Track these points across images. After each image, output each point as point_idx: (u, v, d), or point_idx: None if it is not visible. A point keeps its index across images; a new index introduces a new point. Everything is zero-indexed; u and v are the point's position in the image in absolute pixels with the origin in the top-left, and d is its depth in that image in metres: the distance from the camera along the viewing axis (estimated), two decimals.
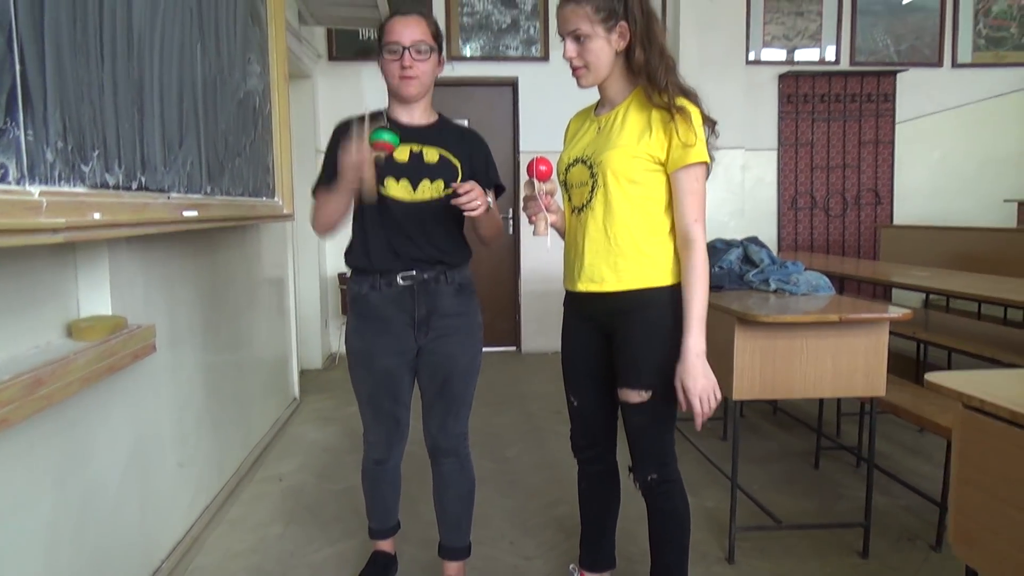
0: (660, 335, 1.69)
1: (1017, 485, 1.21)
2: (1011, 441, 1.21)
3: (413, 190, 1.89)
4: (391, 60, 1.85)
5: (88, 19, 1.63)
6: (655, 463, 1.78)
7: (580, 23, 1.63)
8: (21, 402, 1.38)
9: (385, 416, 2.03)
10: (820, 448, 3.22)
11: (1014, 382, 1.41)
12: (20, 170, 1.34)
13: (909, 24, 5.70)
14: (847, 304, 2.43)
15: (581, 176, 1.74)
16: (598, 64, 1.66)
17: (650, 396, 1.71)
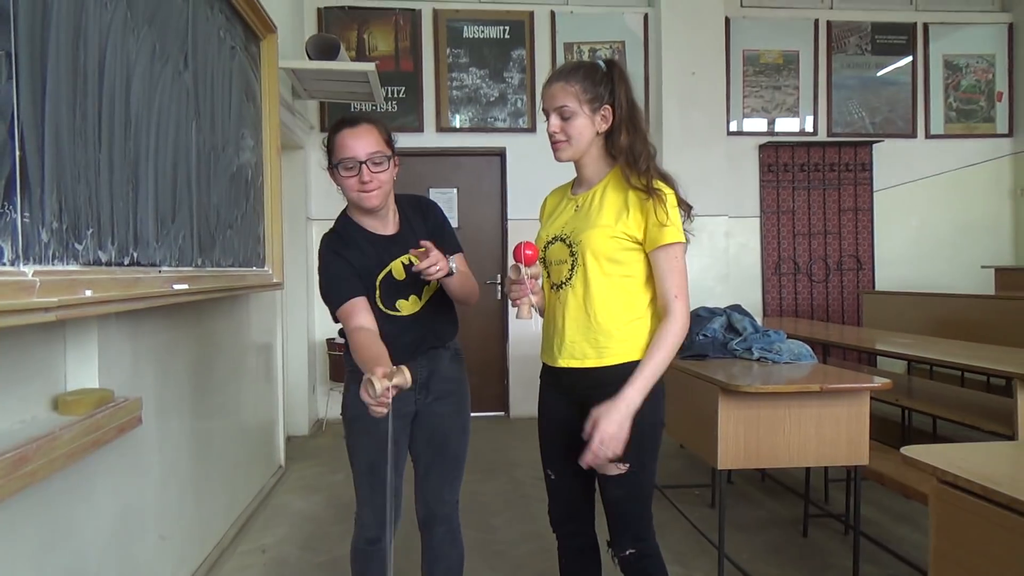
0: (639, 419, 1.66)
1: (991, 560, 1.23)
2: (984, 516, 1.24)
3: (420, 301, 1.95)
4: (348, 176, 1.85)
5: (88, 104, 1.69)
6: (633, 537, 1.77)
7: (567, 100, 1.70)
8: (4, 480, 1.39)
9: (384, 488, 1.89)
10: (808, 516, 3.21)
11: (990, 456, 1.44)
12: (15, 251, 1.39)
13: (883, 97, 5.91)
14: (829, 373, 2.48)
15: (560, 254, 1.77)
16: (579, 140, 1.72)
17: (628, 469, 1.71)
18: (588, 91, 1.69)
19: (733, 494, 3.72)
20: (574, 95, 1.69)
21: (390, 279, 1.90)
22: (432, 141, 5.55)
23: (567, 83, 1.70)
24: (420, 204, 2.09)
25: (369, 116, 1.95)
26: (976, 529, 1.26)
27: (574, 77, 1.69)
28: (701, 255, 5.58)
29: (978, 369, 2.72)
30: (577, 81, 1.69)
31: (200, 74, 2.55)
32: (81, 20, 1.67)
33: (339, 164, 1.84)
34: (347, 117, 1.93)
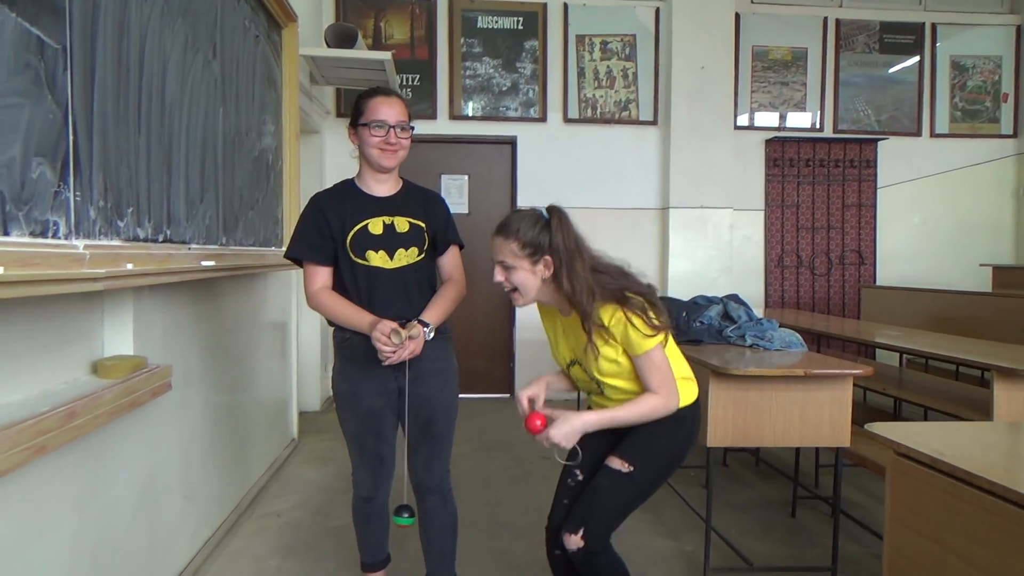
0: (670, 438, 1.90)
1: (939, 524, 1.37)
2: (934, 485, 1.38)
3: (390, 259, 2.09)
4: (376, 135, 2.05)
5: (130, 93, 1.84)
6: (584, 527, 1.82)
7: (506, 256, 1.83)
8: (57, 432, 1.55)
9: (371, 455, 2.18)
10: (797, 497, 3.35)
11: (946, 433, 1.58)
12: (68, 226, 1.54)
13: (889, 95, 6.00)
14: (815, 360, 2.61)
15: (583, 375, 1.93)
16: (525, 289, 1.85)
17: (630, 471, 1.86)
18: (526, 246, 1.81)
19: (728, 476, 3.88)
20: (511, 251, 1.82)
21: (364, 233, 2.07)
22: (445, 128, 5.68)
23: (505, 239, 1.82)
24: (428, 193, 2.26)
25: (398, 92, 2.16)
26: (926, 496, 1.40)
27: (511, 233, 1.81)
28: (706, 247, 5.71)
29: (958, 360, 2.84)
30: (514, 237, 1.81)
31: (227, 63, 2.70)
32: (124, 15, 1.82)
33: (371, 123, 2.04)
34: (381, 87, 2.14)
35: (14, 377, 1.63)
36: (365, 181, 2.16)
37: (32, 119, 1.40)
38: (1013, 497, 1.18)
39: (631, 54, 5.78)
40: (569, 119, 5.67)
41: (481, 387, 5.89)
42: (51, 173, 1.47)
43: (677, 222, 5.67)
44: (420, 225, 2.14)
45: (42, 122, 1.43)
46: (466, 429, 4.86)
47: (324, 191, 2.19)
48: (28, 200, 1.38)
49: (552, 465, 3.97)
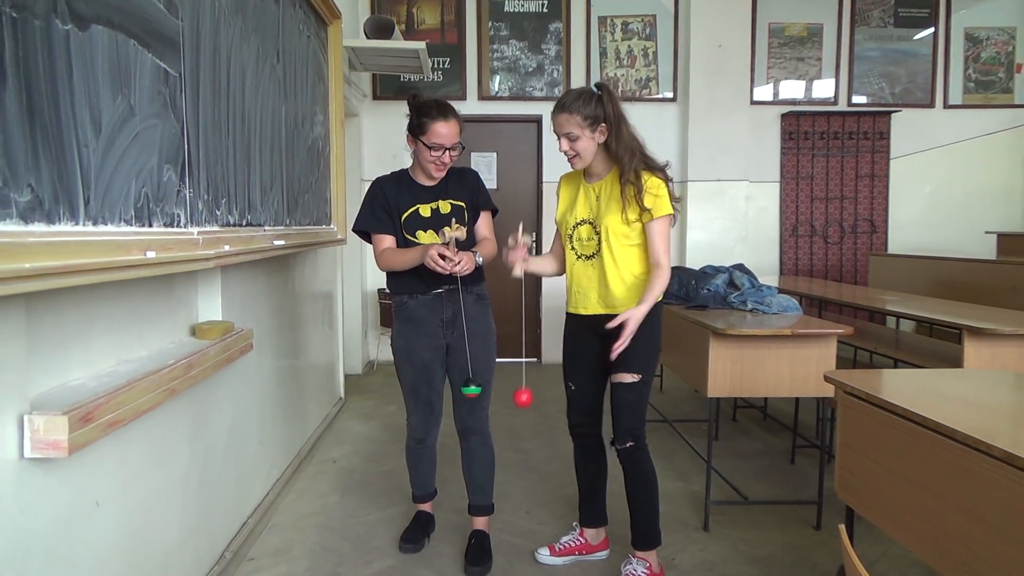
0: (651, 336, 2.34)
1: (875, 446, 1.74)
2: (868, 415, 1.74)
3: (437, 236, 2.45)
4: (432, 153, 2.40)
5: (221, 103, 2.24)
6: (632, 434, 2.37)
7: (572, 128, 2.27)
8: (182, 379, 1.97)
9: (423, 402, 2.61)
10: (796, 446, 3.72)
11: (883, 378, 1.93)
12: (186, 217, 1.95)
13: (903, 68, 6.20)
14: (805, 322, 2.96)
15: (588, 233, 2.37)
16: (586, 154, 2.31)
17: (639, 378, 2.33)
18: (587, 118, 2.25)
19: (737, 430, 4.26)
20: (576, 123, 2.26)
21: (416, 215, 2.48)
22: (474, 108, 6.02)
23: (569, 113, 2.26)
24: (462, 171, 2.64)
25: (452, 106, 2.46)
26: (865, 425, 1.77)
27: (574, 108, 2.25)
28: (723, 217, 6.02)
29: (930, 320, 3.17)
30: (576, 111, 2.24)
31: (287, 65, 3.08)
32: (217, 40, 2.20)
33: (431, 145, 2.39)
34: (442, 105, 2.45)
35: (141, 337, 2.05)
36: (417, 175, 2.55)
37: (163, 135, 1.79)
38: (930, 424, 1.54)
39: (651, 34, 6.05)
40: None
41: (510, 351, 6.30)
42: (175, 176, 1.87)
43: (695, 194, 5.98)
44: (460, 205, 2.53)
45: (169, 136, 1.83)
46: (497, 389, 5.24)
47: (384, 177, 2.60)
48: (162, 198, 1.78)
49: None
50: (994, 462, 1.29)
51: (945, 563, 1.44)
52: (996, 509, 1.31)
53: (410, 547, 2.70)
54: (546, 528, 2.89)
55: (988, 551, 1.32)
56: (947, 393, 1.73)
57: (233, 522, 2.68)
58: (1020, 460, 1.22)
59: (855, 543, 2.66)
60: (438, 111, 2.41)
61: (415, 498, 2.82)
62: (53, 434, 1.38)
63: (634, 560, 2.44)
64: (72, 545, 1.59)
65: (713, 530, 2.87)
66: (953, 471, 1.42)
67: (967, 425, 1.40)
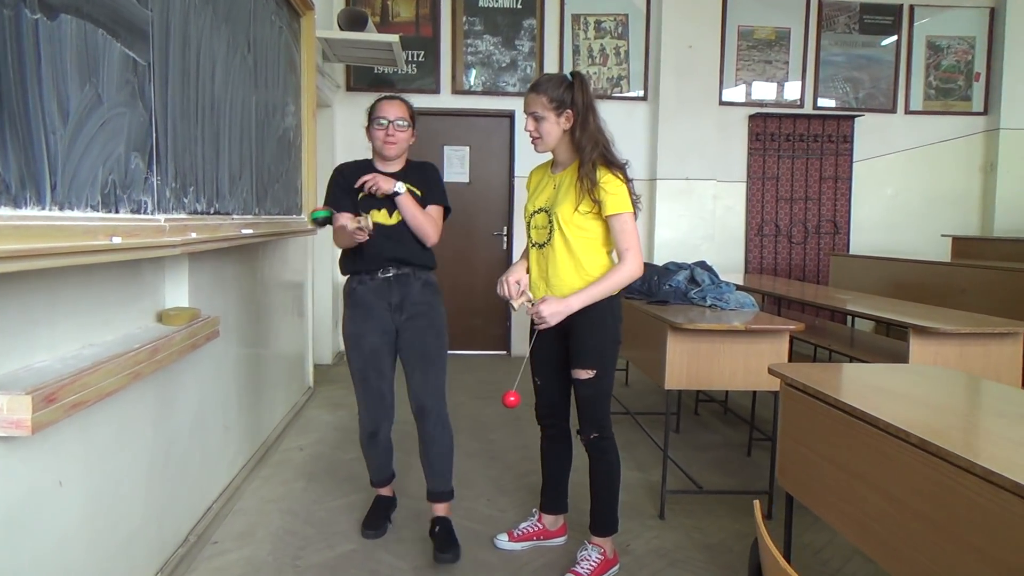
0: (602, 329, 2.38)
1: (811, 435, 1.84)
2: (806, 405, 1.84)
3: (390, 216, 2.59)
4: (379, 129, 2.57)
5: (190, 92, 2.27)
6: (596, 425, 2.44)
7: (537, 107, 2.33)
8: (146, 363, 2.01)
9: (373, 391, 2.64)
10: (752, 439, 3.84)
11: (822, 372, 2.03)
12: (153, 204, 1.98)
13: (867, 74, 6.37)
14: (759, 318, 3.06)
15: (543, 221, 2.41)
16: (548, 137, 2.35)
17: (594, 374, 2.37)
18: (553, 100, 2.30)
19: (697, 423, 4.37)
20: (542, 103, 2.31)
21: (370, 195, 2.55)
22: (447, 102, 6.08)
23: (537, 94, 2.32)
24: (424, 164, 2.78)
25: (404, 95, 2.70)
26: (802, 415, 1.86)
27: (542, 88, 2.31)
28: (690, 215, 6.14)
29: (878, 318, 3.30)
30: (544, 92, 2.30)
31: (258, 55, 3.10)
32: (187, 29, 2.24)
33: (374, 121, 2.58)
34: (389, 94, 2.69)
35: (108, 322, 2.08)
36: (377, 161, 2.69)
37: (131, 123, 1.83)
38: (856, 413, 1.63)
39: (623, 32, 6.14)
40: None
41: (479, 344, 6.37)
42: (142, 164, 1.90)
43: (664, 192, 6.09)
44: (416, 192, 2.63)
45: (137, 124, 1.86)
46: (465, 381, 5.35)
47: (346, 163, 2.75)
48: (129, 185, 1.82)
49: None
50: (911, 448, 1.39)
51: (868, 543, 1.54)
52: (912, 492, 1.40)
53: (371, 533, 2.76)
54: (507, 515, 2.97)
55: (904, 531, 1.42)
56: (880, 386, 1.83)
57: (198, 506, 2.72)
58: (933, 446, 1.32)
59: (803, 531, 2.78)
60: (384, 97, 2.66)
61: (373, 483, 2.89)
62: (16, 413, 1.41)
63: (589, 546, 2.52)
64: (34, 523, 1.63)
65: (668, 518, 2.97)
66: (876, 457, 1.51)
67: (889, 414, 1.50)
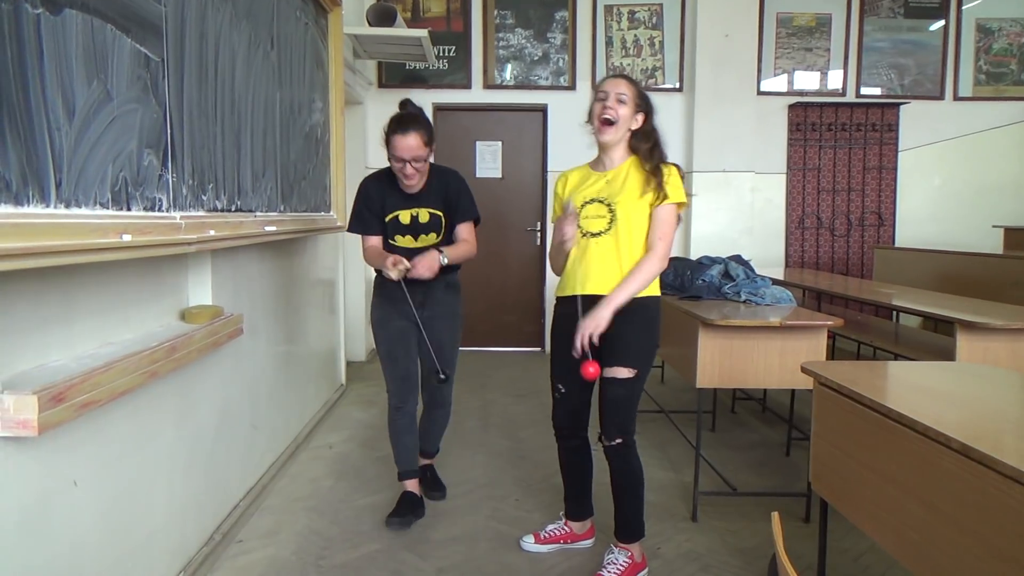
0: (650, 331, 2.35)
1: (845, 437, 1.74)
2: (841, 406, 1.74)
3: (415, 241, 2.75)
4: (397, 166, 2.60)
5: (208, 89, 2.25)
6: (622, 430, 2.35)
7: (628, 91, 2.31)
8: (163, 361, 1.99)
9: (401, 368, 2.80)
10: (791, 439, 3.71)
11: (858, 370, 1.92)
12: (168, 201, 1.97)
13: (912, 60, 6.13)
14: (796, 313, 2.94)
15: (598, 211, 2.35)
16: (622, 123, 2.32)
17: (634, 374, 2.31)
18: (641, 97, 2.34)
19: (734, 422, 4.25)
20: (632, 93, 2.32)
21: (396, 221, 2.73)
22: (479, 97, 6.02)
23: (630, 83, 2.33)
24: (446, 175, 2.79)
25: (416, 120, 2.60)
26: (838, 417, 1.76)
27: (636, 85, 2.34)
28: (728, 208, 5.99)
29: (927, 314, 3.15)
30: (636, 88, 2.33)
31: (282, 52, 3.09)
32: (204, 25, 2.22)
33: (391, 156, 2.60)
34: (404, 120, 2.60)
35: (127, 320, 2.07)
36: (400, 180, 2.69)
37: (143, 119, 1.81)
38: (893, 415, 1.53)
39: (657, 23, 6.01)
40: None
41: (512, 341, 6.32)
42: (156, 160, 1.88)
43: (700, 185, 5.95)
44: (439, 214, 2.74)
45: (149, 121, 1.84)
46: (498, 379, 5.30)
47: (370, 178, 2.81)
48: (142, 183, 1.80)
49: None
50: (952, 454, 1.29)
51: (905, 554, 1.44)
52: (953, 501, 1.30)
53: (396, 521, 2.76)
54: (533, 516, 2.91)
55: (945, 543, 1.32)
56: (921, 386, 1.72)
57: (225, 504, 2.72)
58: (976, 452, 1.22)
59: (842, 536, 2.66)
60: (397, 125, 2.57)
61: (401, 475, 2.90)
62: (22, 413, 1.40)
63: (616, 549, 2.44)
64: (48, 523, 1.62)
65: (701, 520, 2.87)
66: (915, 462, 1.41)
67: (930, 416, 1.40)
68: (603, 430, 2.37)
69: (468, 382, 5.15)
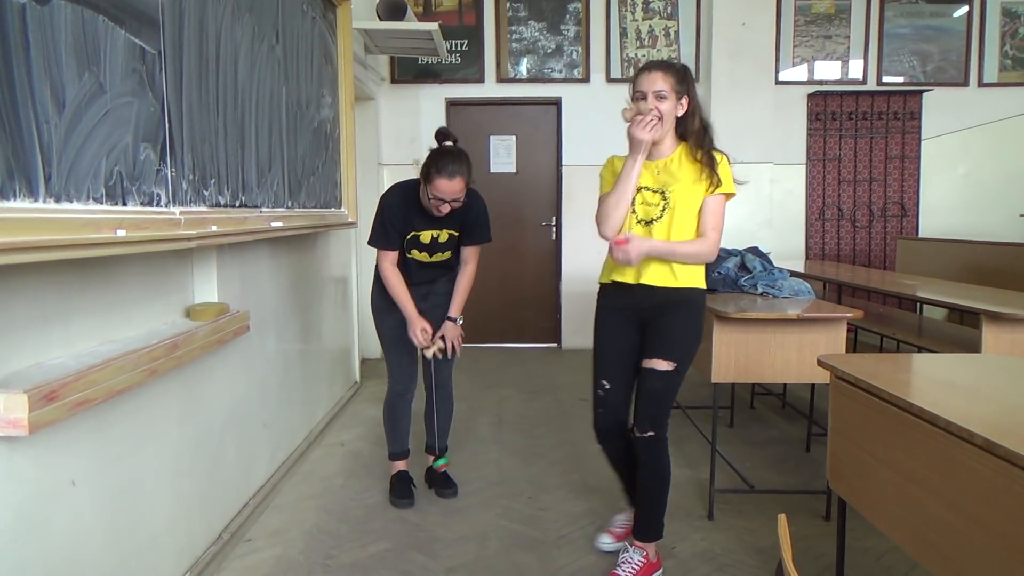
0: (694, 325, 2.30)
1: (863, 433, 1.66)
2: (858, 400, 1.66)
3: (430, 257, 2.84)
4: (434, 203, 2.63)
5: (209, 83, 2.22)
6: (655, 423, 2.29)
7: (665, 86, 2.20)
8: (164, 359, 1.96)
9: (403, 355, 2.91)
10: (811, 434, 3.62)
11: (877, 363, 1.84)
12: (167, 196, 1.93)
13: (935, 46, 5.98)
14: (815, 306, 2.86)
15: (653, 199, 2.27)
16: (668, 118, 2.22)
17: (674, 367, 2.25)
18: (680, 82, 2.21)
19: (752, 417, 4.17)
20: (671, 84, 2.20)
21: (416, 239, 2.78)
22: (492, 91, 5.97)
23: (665, 73, 2.20)
24: (470, 196, 2.76)
25: (461, 161, 2.61)
26: (855, 412, 1.69)
27: (671, 70, 2.21)
28: (747, 202, 5.88)
29: (951, 305, 3.05)
30: (672, 74, 2.21)
31: (288, 46, 3.05)
32: (204, 17, 2.18)
33: (433, 196, 2.61)
34: (446, 163, 2.58)
35: (129, 318, 2.05)
36: (425, 203, 2.71)
37: (139, 113, 1.78)
38: (914, 410, 1.46)
39: (673, 12, 5.92)
40: (612, 79, 5.87)
41: (528, 337, 6.26)
42: (154, 155, 1.85)
43: None
44: (456, 234, 2.83)
45: (146, 114, 1.81)
46: (513, 375, 5.25)
47: (394, 196, 2.79)
48: (138, 177, 1.77)
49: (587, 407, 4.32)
50: (976, 451, 1.22)
51: (927, 556, 1.37)
52: (977, 501, 1.23)
53: (406, 502, 2.90)
54: (547, 514, 2.86)
55: (968, 544, 1.25)
56: (944, 379, 1.64)
57: (234, 503, 2.69)
58: (1002, 449, 1.15)
59: (863, 535, 2.58)
60: (443, 168, 2.57)
61: (392, 455, 3.03)
62: (13, 412, 1.37)
63: (631, 548, 2.38)
64: (45, 523, 1.60)
65: (718, 519, 2.81)
66: (937, 460, 1.34)
67: (952, 411, 1.32)
68: (636, 421, 2.32)
69: (482, 379, 5.10)
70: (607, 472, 3.23)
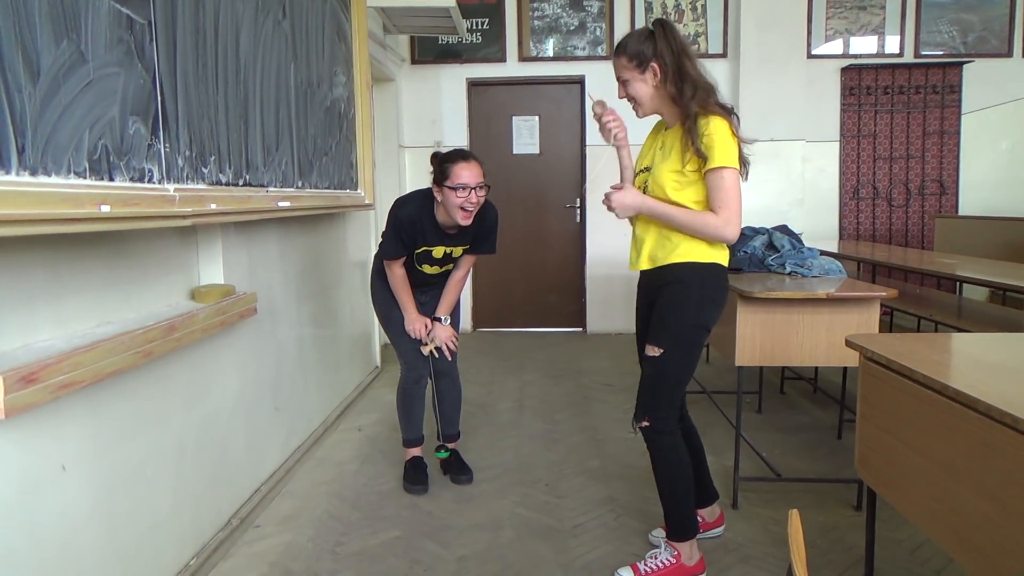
0: (686, 304, 2.08)
1: (894, 418, 1.54)
2: (889, 383, 1.54)
3: (440, 269, 2.82)
4: (459, 195, 2.49)
5: (207, 56, 2.14)
6: (646, 412, 2.14)
7: (620, 71, 2.07)
8: (160, 341, 1.90)
9: (414, 342, 2.85)
10: (843, 420, 3.48)
11: (911, 342, 1.71)
12: (161, 173, 1.86)
13: (977, 15, 5.71)
14: (846, 285, 2.72)
15: (642, 182, 2.15)
16: (642, 99, 2.08)
17: (662, 353, 2.09)
18: (632, 58, 2.02)
19: (783, 403, 4.02)
20: (623, 65, 2.05)
21: (427, 253, 2.72)
22: (514, 71, 5.84)
23: (618, 57, 2.06)
24: (485, 209, 2.69)
25: (473, 154, 2.61)
26: (888, 397, 1.56)
27: (621, 49, 2.05)
28: (777, 179, 5.70)
29: (993, 284, 2.88)
30: (623, 52, 2.04)
31: (296, 21, 2.97)
32: None
33: (456, 187, 2.49)
34: (460, 152, 2.59)
35: (127, 300, 1.99)
36: (440, 215, 2.65)
37: (127, 84, 1.70)
38: (950, 393, 1.33)
39: None
40: None
41: (553, 321, 6.16)
42: (144, 129, 1.78)
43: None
44: (466, 248, 2.78)
45: (135, 86, 1.74)
46: (537, 359, 5.16)
47: (410, 211, 2.66)
48: (127, 152, 1.70)
49: (610, 391, 4.23)
50: (1019, 437, 1.09)
51: (963, 551, 1.25)
52: (1019, 491, 1.11)
53: (420, 488, 2.86)
54: (564, 502, 2.76)
55: (1009, 540, 1.13)
56: (983, 360, 1.51)
57: (244, 488, 2.64)
58: None
59: (897, 526, 2.45)
60: (459, 155, 2.56)
61: (406, 442, 2.98)
62: None
63: (663, 544, 2.25)
64: (34, 508, 1.54)
65: (742, 508, 2.69)
66: (975, 447, 1.22)
67: (993, 395, 1.20)
68: (635, 412, 2.20)
69: (505, 363, 5.02)
70: (628, 459, 3.16)
